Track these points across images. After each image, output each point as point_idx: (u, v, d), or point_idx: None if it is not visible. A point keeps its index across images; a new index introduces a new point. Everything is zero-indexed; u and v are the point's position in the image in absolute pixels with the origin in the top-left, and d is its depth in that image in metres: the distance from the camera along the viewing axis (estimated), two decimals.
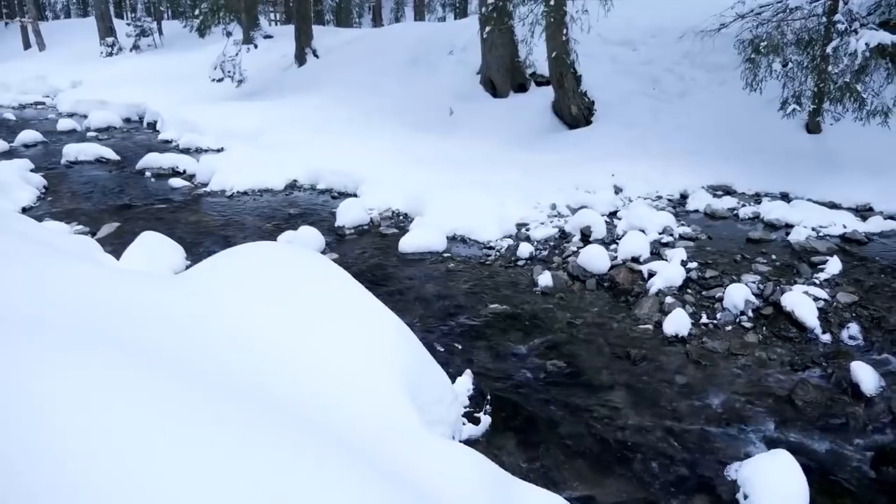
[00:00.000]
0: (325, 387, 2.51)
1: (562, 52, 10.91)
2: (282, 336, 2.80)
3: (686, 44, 11.73)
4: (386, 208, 8.73)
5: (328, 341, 2.89)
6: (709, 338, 5.40)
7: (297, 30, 19.77)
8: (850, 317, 5.55)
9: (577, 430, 4.28)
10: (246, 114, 14.43)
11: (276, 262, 3.58)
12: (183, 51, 25.66)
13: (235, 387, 2.33)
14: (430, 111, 13.40)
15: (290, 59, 19.87)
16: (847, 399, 4.59)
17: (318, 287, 3.30)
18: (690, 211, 8.45)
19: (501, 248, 7.34)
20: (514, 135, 11.71)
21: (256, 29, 22.15)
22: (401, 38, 17.88)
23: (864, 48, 7.73)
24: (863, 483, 3.80)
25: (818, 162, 9.39)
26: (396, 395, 2.71)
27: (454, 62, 15.39)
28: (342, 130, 12.55)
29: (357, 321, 3.06)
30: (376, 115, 13.63)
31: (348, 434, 2.34)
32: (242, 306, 3.06)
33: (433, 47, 16.50)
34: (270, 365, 2.54)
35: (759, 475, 3.52)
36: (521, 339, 5.46)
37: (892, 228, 7.66)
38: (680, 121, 11.02)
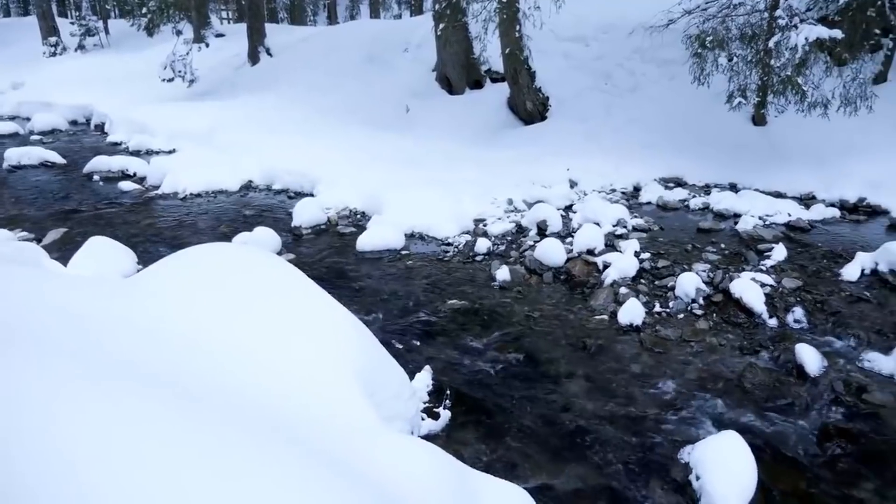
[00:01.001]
0: (278, 386, 2.51)
1: (515, 48, 11.01)
2: (234, 337, 2.78)
3: (636, 39, 11.98)
4: (343, 207, 8.70)
5: (281, 341, 2.88)
6: (662, 326, 5.54)
7: (249, 28, 19.49)
8: (794, 301, 5.76)
9: (535, 421, 4.35)
10: (198, 114, 14.17)
11: (229, 263, 3.55)
12: (131, 50, 25.04)
13: (185, 388, 2.31)
14: (387, 109, 13.38)
15: (243, 58, 19.58)
16: (793, 380, 4.76)
17: (272, 287, 3.28)
18: (643, 203, 8.64)
19: (459, 245, 7.38)
20: (471, 131, 11.78)
21: (207, 27, 21.74)
22: (356, 36, 17.77)
23: (803, 42, 8.00)
24: (808, 459, 3.95)
25: (764, 153, 9.70)
26: (352, 392, 2.72)
27: (410, 60, 15.38)
28: (297, 129, 12.43)
29: (311, 320, 3.05)
30: (332, 114, 13.55)
31: (303, 432, 2.34)
32: (193, 308, 3.03)
33: (388, 45, 16.45)
34: (223, 366, 2.53)
35: (709, 456, 3.63)
36: (480, 334, 5.51)
37: (833, 216, 7.97)
38: (632, 115, 11.23)
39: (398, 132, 12.26)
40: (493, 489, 2.91)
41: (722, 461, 3.58)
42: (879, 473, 3.83)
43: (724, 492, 3.43)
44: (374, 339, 3.57)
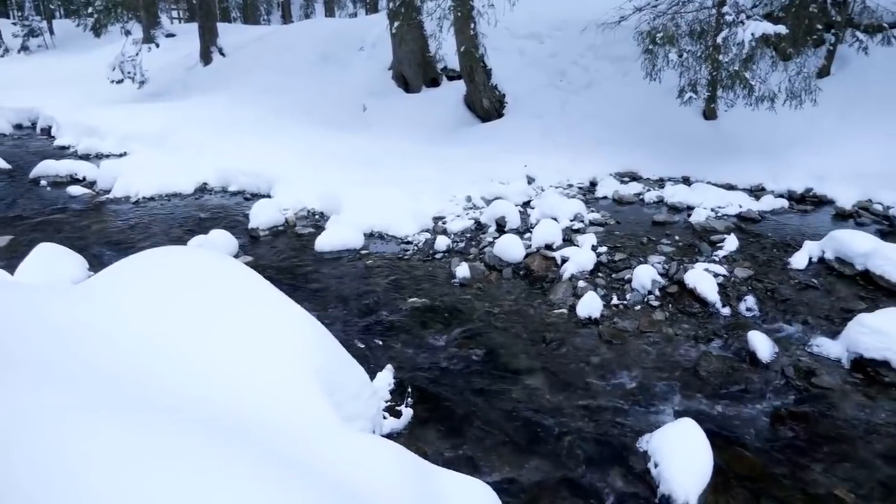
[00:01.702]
0: (234, 389, 2.47)
1: (470, 46, 11.04)
2: (187, 341, 2.73)
3: (589, 36, 12.13)
4: (301, 208, 8.60)
5: (236, 344, 2.84)
6: (619, 318, 5.63)
7: (201, 28, 19.12)
8: (746, 290, 5.91)
9: (497, 416, 4.38)
10: (150, 116, 13.84)
11: (183, 267, 3.48)
12: (78, 51, 24.34)
13: (137, 394, 2.26)
14: (343, 108, 13.29)
15: (195, 58, 19.20)
16: (746, 366, 4.89)
17: (227, 290, 3.23)
18: (600, 197, 8.77)
19: (419, 243, 7.37)
20: (428, 129, 11.77)
21: (157, 27, 21.27)
22: (311, 35, 17.59)
23: (750, 38, 8.21)
24: (761, 443, 4.06)
25: (715, 146, 9.93)
26: (310, 393, 2.70)
27: (365, 58, 15.30)
28: (253, 130, 12.24)
29: (267, 322, 3.01)
30: (288, 114, 13.39)
31: (258, 433, 2.31)
32: (146, 313, 2.96)
33: (344, 43, 16.33)
34: (176, 370, 2.48)
35: (666, 444, 3.71)
36: (441, 331, 5.52)
37: (782, 206, 8.21)
38: (587, 111, 11.38)
39: (355, 131, 12.19)
40: (456, 485, 2.91)
41: (679, 448, 3.66)
42: (828, 454, 3.97)
43: (681, 478, 3.50)
44: (333, 339, 3.54)
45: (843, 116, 9.64)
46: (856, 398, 4.50)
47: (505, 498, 3.55)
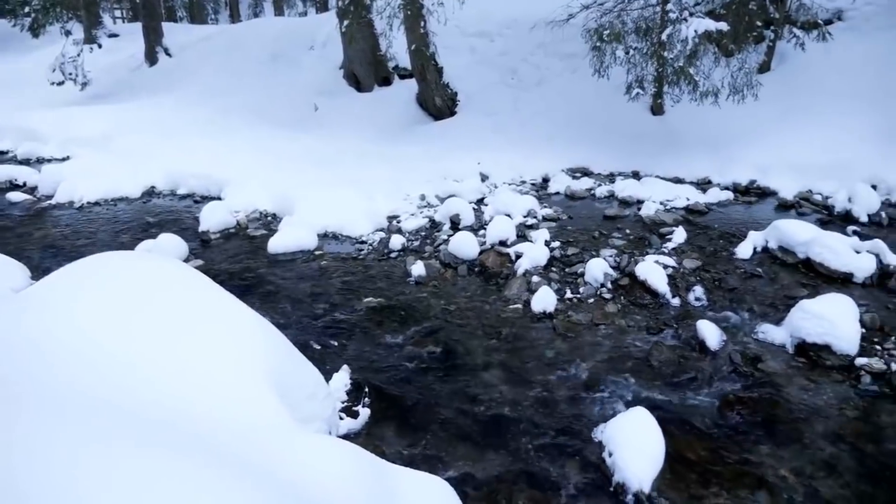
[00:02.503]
0: (182, 393, 2.42)
1: (421, 44, 11.04)
2: (135, 347, 2.66)
3: (539, 34, 12.24)
4: (253, 209, 8.47)
5: (185, 348, 2.78)
6: (573, 311, 5.71)
7: (145, 27, 18.61)
8: (695, 280, 6.07)
9: (455, 412, 4.39)
10: (93, 118, 13.42)
11: (130, 272, 3.38)
12: (14, 52, 23.42)
13: (84, 401, 2.20)
14: (294, 108, 13.13)
15: (140, 59, 18.69)
16: (695, 355, 5.02)
17: (175, 294, 3.15)
18: (552, 193, 8.88)
19: (374, 242, 7.34)
20: (381, 128, 11.73)
21: (99, 27, 20.65)
22: (259, 34, 17.31)
23: (693, 35, 8.42)
24: (711, 428, 4.18)
25: (663, 141, 10.15)
26: (263, 395, 2.66)
27: (316, 57, 15.13)
28: (202, 132, 11.99)
29: (217, 326, 2.95)
30: (237, 115, 13.16)
31: (212, 437, 2.27)
32: (92, 319, 2.87)
33: (294, 42, 16.12)
34: (123, 376, 2.41)
35: (620, 433, 3.78)
36: (398, 330, 5.51)
37: (727, 198, 8.44)
38: (538, 108, 11.50)
39: (307, 131, 12.05)
40: (413, 482, 2.92)
41: (632, 436, 3.74)
42: (774, 436, 4.10)
43: (634, 465, 3.58)
44: (285, 341, 3.50)
45: (783, 110, 9.96)
46: (799, 382, 4.67)
47: (464, 493, 3.58)
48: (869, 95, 9.59)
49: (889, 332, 5.12)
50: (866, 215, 7.52)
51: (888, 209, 7.74)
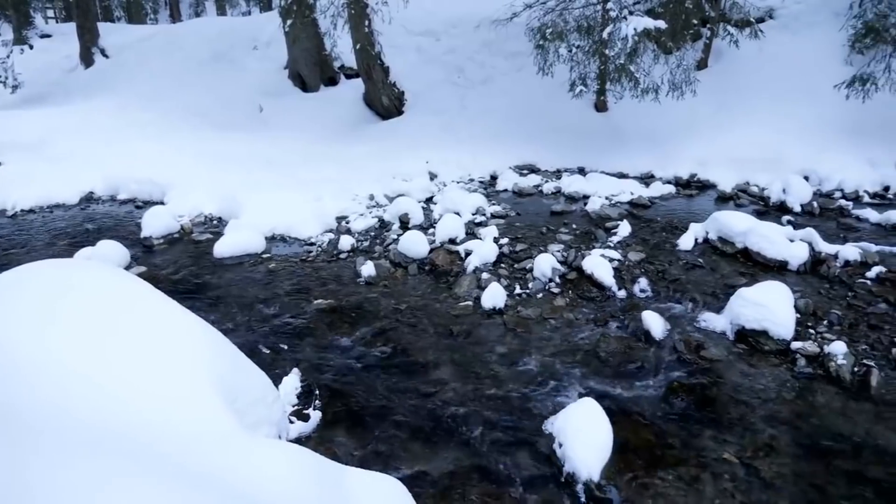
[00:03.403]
0: (128, 403, 2.36)
1: (366, 43, 10.98)
2: (72, 358, 2.58)
3: (484, 33, 12.35)
4: (198, 213, 8.29)
5: (128, 358, 2.71)
6: (523, 306, 5.78)
7: (79, 27, 17.97)
8: (639, 272, 6.22)
9: (407, 411, 4.39)
10: (26, 122, 12.88)
11: (66, 280, 3.27)
12: None
13: (23, 416, 2.12)
14: (238, 109, 12.89)
15: (76, 60, 18.05)
16: (641, 345, 5.15)
17: (113, 302, 3.06)
18: (500, 190, 8.96)
19: (323, 243, 7.28)
20: (328, 128, 11.63)
21: (30, 27, 19.85)
22: (201, 34, 16.93)
23: (633, 33, 8.62)
24: (656, 416, 4.29)
25: (607, 137, 10.37)
26: (208, 401, 2.61)
27: (260, 57, 14.90)
28: (142, 135, 11.65)
29: (158, 333, 2.88)
30: (179, 117, 12.84)
31: (155, 446, 2.22)
32: (26, 331, 2.77)
33: (236, 42, 15.84)
34: (61, 388, 2.33)
35: (569, 424, 3.85)
36: (348, 331, 5.48)
37: (669, 192, 8.68)
38: (485, 106, 11.59)
39: (252, 133, 11.85)
40: (366, 483, 2.91)
41: (580, 427, 3.81)
42: (717, 421, 4.24)
43: (583, 456, 3.65)
44: (231, 346, 3.44)
45: (720, 106, 10.30)
46: (739, 367, 4.84)
47: (417, 490, 3.59)
48: (799, 90, 10.00)
49: (822, 316, 5.35)
50: (799, 205, 7.85)
51: (819, 199, 8.10)
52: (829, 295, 5.72)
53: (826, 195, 8.40)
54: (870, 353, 4.87)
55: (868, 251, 6.25)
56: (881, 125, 9.15)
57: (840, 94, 9.24)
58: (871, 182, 8.61)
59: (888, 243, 6.59)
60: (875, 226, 7.35)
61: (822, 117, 9.53)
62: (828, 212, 7.82)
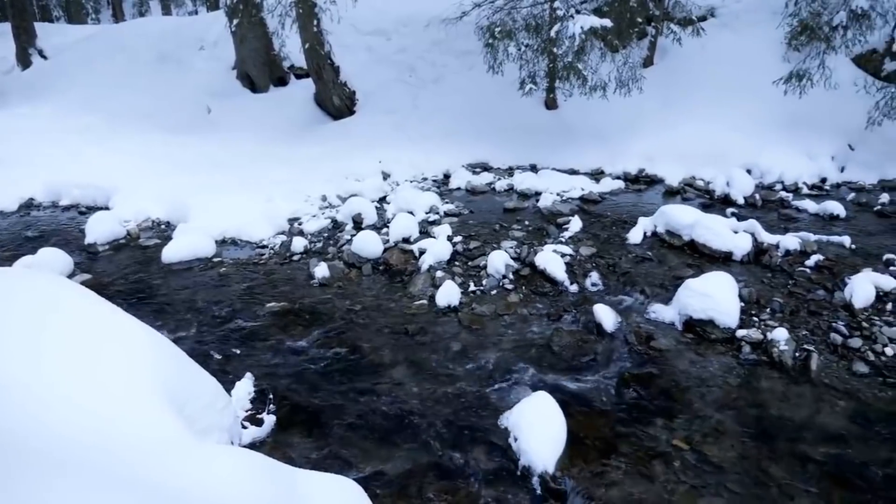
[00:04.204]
0: (65, 414, 2.28)
1: (315, 43, 10.88)
2: (10, 369, 2.49)
3: (435, 32, 12.36)
4: (144, 218, 8.08)
5: (70, 368, 2.63)
6: (477, 303, 5.81)
7: (15, 28, 17.27)
8: (591, 267, 6.32)
9: (364, 411, 4.38)
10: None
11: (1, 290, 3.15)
12: None
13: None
14: (185, 111, 12.61)
15: (11, 62, 17.35)
16: (594, 338, 5.24)
17: (54, 311, 2.96)
18: (453, 189, 8.99)
19: (275, 246, 7.19)
20: (279, 129, 11.48)
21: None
22: (144, 34, 16.46)
23: (579, 31, 8.75)
24: (609, 406, 4.38)
25: (558, 134, 10.50)
26: (156, 409, 2.55)
27: (206, 58, 14.59)
28: (84, 138, 11.28)
29: (102, 341, 2.80)
30: (124, 119, 12.48)
31: (100, 457, 2.16)
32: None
33: (182, 42, 15.46)
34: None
35: (524, 418, 3.90)
36: (302, 333, 5.42)
37: (619, 187, 8.85)
38: (438, 105, 11.60)
39: (201, 135, 11.61)
40: (320, 485, 2.89)
41: (535, 421, 3.86)
42: (667, 409, 4.35)
43: (538, 448, 3.70)
44: (179, 352, 3.37)
45: (666, 102, 10.54)
46: (688, 356, 4.97)
47: (374, 490, 3.59)
48: (741, 86, 10.31)
49: (764, 304, 5.53)
50: (742, 198, 8.10)
51: (761, 191, 8.38)
52: (772, 283, 5.92)
53: (767, 187, 8.70)
54: (810, 339, 5.06)
55: (807, 241, 6.49)
56: (817, 119, 9.52)
57: (779, 90, 9.56)
58: (809, 174, 8.96)
59: (825, 233, 6.86)
60: (813, 216, 7.64)
61: (762, 112, 9.86)
62: (769, 203, 8.10)
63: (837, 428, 4.16)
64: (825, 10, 9.35)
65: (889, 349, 4.83)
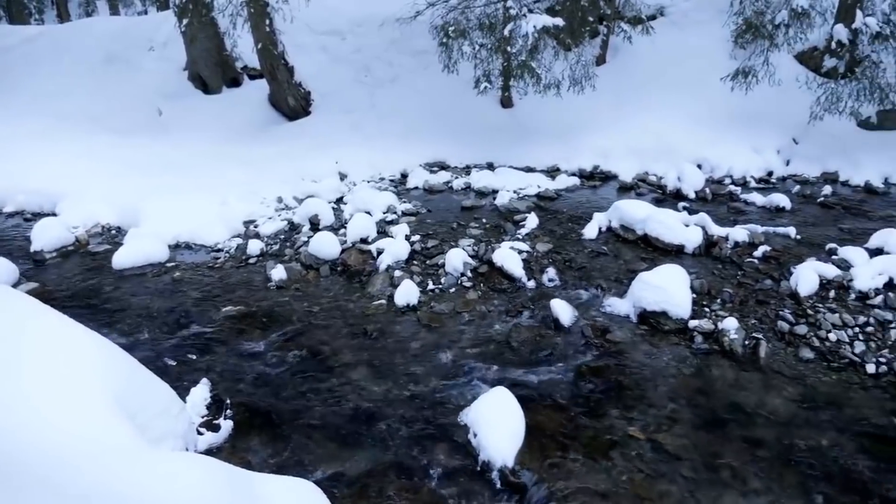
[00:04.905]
0: (10, 425, 2.23)
1: (268, 43, 10.74)
2: None
3: (391, 31, 12.34)
4: (94, 224, 7.86)
5: (16, 380, 2.56)
6: (436, 302, 5.84)
7: None
8: (548, 263, 6.40)
9: (323, 413, 4.36)
10: None
11: None
12: None
13: None
14: (136, 113, 12.29)
15: None
16: (551, 332, 5.31)
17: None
18: (411, 188, 9.00)
19: (231, 249, 7.08)
20: (233, 131, 11.29)
21: None
22: (91, 35, 15.98)
23: (532, 30, 8.85)
24: (567, 398, 4.45)
25: (514, 132, 10.59)
26: (106, 417, 2.50)
27: (157, 58, 14.23)
28: (29, 143, 10.89)
29: (49, 351, 2.73)
30: (71, 123, 12.08)
31: (48, 470, 2.11)
32: None
33: (132, 43, 15.06)
34: None
35: (482, 414, 3.94)
36: (260, 337, 5.36)
37: (574, 184, 8.98)
38: (394, 105, 11.57)
39: (152, 137, 11.33)
40: (278, 488, 2.87)
41: (494, 416, 3.90)
42: (623, 400, 4.44)
43: (497, 444, 3.75)
44: (130, 360, 3.30)
45: (619, 99, 10.73)
46: (643, 347, 5.08)
47: (334, 491, 3.58)
48: (690, 83, 10.56)
49: (715, 295, 5.69)
50: (693, 192, 8.31)
51: (711, 185, 8.60)
52: (722, 275, 6.09)
53: (717, 181, 8.93)
54: (758, 327, 5.23)
55: (755, 232, 6.69)
56: (763, 114, 9.82)
57: (726, 86, 9.83)
58: (756, 168, 9.23)
59: (772, 224, 7.10)
60: (761, 208, 7.89)
61: (711, 108, 10.11)
62: (719, 197, 8.33)
63: (785, 412, 4.31)
64: (768, 9, 9.63)
65: (832, 335, 5.02)
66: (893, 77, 8.78)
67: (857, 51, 8.94)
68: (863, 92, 8.92)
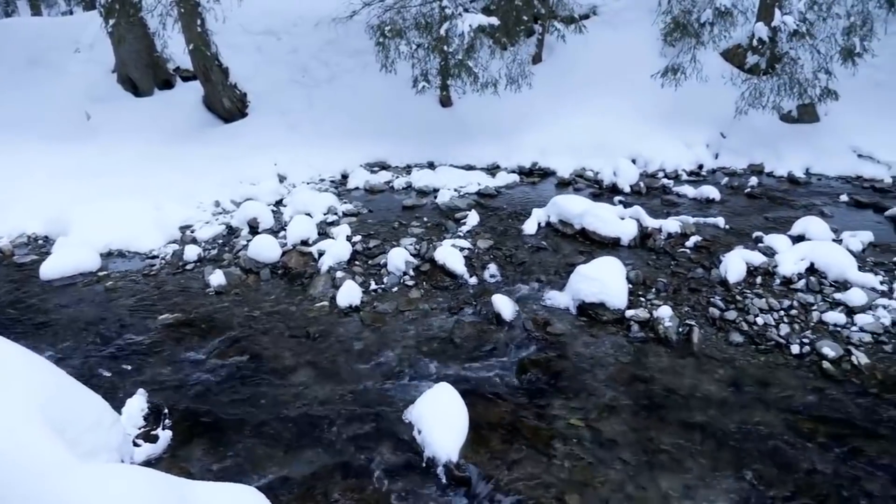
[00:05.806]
0: None
1: (200, 43, 10.49)
2: None
3: (327, 31, 12.22)
4: (19, 234, 7.55)
5: None
6: (379, 301, 5.83)
7: None
8: (489, 259, 6.48)
9: (266, 418, 4.30)
10: None
11: None
12: None
13: None
14: (62, 117, 11.80)
15: None
16: (493, 328, 5.38)
17: None
18: (352, 189, 8.95)
19: (166, 255, 6.90)
20: (166, 134, 10.97)
21: None
22: (10, 37, 15.26)
23: (468, 29, 8.92)
24: (509, 393, 4.52)
25: (454, 131, 10.65)
26: (31, 432, 2.41)
27: (83, 61, 13.71)
28: None
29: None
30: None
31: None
32: None
33: (56, 44, 14.45)
34: None
35: (426, 411, 3.96)
36: (199, 344, 5.25)
37: (514, 181, 9.11)
38: (332, 105, 11.48)
39: (80, 142, 10.89)
40: (217, 495, 2.83)
41: (437, 412, 3.94)
42: (564, 390, 4.54)
43: (441, 439, 3.78)
44: (59, 372, 3.19)
45: (555, 97, 10.92)
46: (582, 338, 5.20)
47: (278, 495, 3.55)
48: (623, 80, 10.84)
49: (650, 284, 5.88)
50: (628, 186, 8.54)
51: (645, 179, 8.87)
52: (656, 265, 6.29)
53: (651, 175, 9.21)
54: (691, 314, 5.43)
55: (687, 223, 6.93)
56: (692, 110, 10.17)
57: (657, 83, 10.13)
58: (687, 161, 9.56)
59: (703, 215, 7.37)
60: (692, 200, 8.17)
61: (643, 104, 10.41)
62: (653, 190, 8.59)
63: (718, 394, 4.49)
64: (694, 8, 9.97)
65: (760, 319, 5.26)
66: (811, 73, 9.22)
67: (777, 48, 9.35)
68: (783, 87, 9.34)
